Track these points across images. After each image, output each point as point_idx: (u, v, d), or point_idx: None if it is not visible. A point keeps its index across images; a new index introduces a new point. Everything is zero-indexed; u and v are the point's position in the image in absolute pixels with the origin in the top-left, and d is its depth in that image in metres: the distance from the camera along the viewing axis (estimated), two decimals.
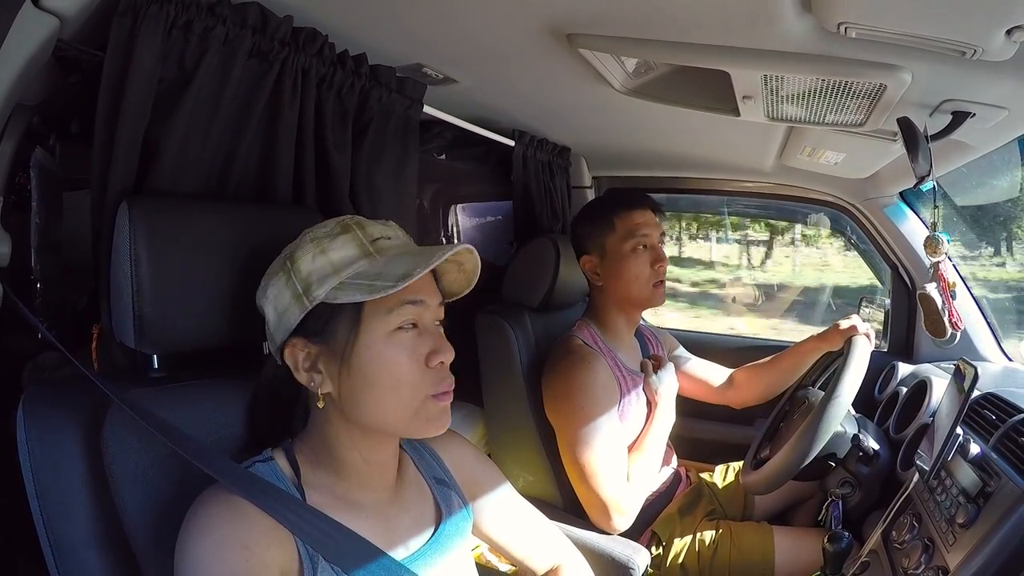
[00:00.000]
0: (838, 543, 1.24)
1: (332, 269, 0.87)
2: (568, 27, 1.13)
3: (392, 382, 0.87)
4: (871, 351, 1.54)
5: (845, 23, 0.90)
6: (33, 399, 0.88)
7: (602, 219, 1.76)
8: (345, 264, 0.88)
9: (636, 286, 1.71)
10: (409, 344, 0.88)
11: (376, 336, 0.87)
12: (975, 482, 1.18)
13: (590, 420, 1.59)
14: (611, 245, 1.74)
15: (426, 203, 3.36)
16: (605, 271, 1.76)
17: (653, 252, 1.72)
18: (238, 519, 0.80)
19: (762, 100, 1.29)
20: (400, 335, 0.88)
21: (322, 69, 1.21)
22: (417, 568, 0.92)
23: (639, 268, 1.70)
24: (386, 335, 0.87)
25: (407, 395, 0.88)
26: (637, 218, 1.72)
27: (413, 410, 0.89)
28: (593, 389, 1.63)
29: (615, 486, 1.59)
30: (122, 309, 0.92)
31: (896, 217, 2.15)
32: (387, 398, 0.88)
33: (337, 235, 0.90)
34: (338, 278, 0.87)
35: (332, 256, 0.88)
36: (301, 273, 0.88)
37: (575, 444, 1.60)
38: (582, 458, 1.59)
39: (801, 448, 1.37)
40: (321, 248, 0.89)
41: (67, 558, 0.85)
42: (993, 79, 1.07)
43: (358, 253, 0.89)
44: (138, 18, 0.94)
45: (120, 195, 0.96)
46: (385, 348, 0.87)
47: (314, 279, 0.87)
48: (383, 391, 0.87)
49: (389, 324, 0.87)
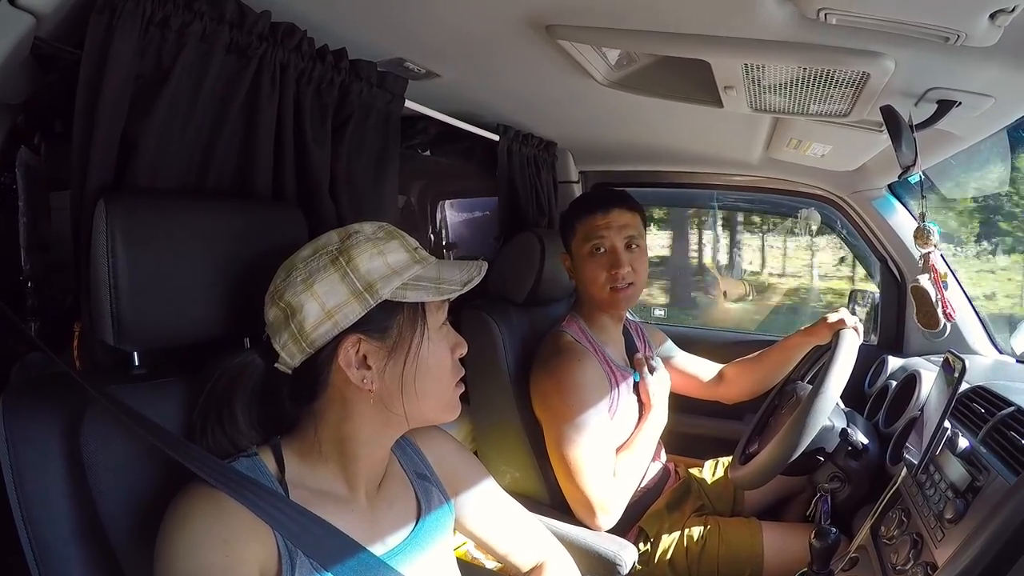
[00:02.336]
0: (825, 539, 1.23)
1: (391, 270, 0.90)
2: (547, 18, 1.13)
3: (440, 372, 0.96)
4: (859, 344, 1.53)
5: (825, 9, 0.89)
6: (13, 396, 0.87)
7: (567, 222, 1.78)
8: (402, 267, 0.91)
9: (593, 289, 1.72)
10: (447, 338, 0.98)
11: (432, 331, 0.94)
12: (964, 477, 1.17)
13: (578, 417, 1.59)
14: (574, 248, 1.75)
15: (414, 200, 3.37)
16: (574, 273, 1.78)
17: (610, 256, 1.69)
18: (218, 514, 0.80)
19: (744, 90, 1.29)
20: (444, 330, 0.97)
21: (301, 64, 1.20)
22: (397, 564, 0.92)
23: (594, 272, 1.70)
24: (437, 330, 0.95)
25: (447, 382, 0.98)
26: (597, 220, 1.70)
27: (447, 397, 0.98)
28: (583, 387, 1.62)
29: (601, 484, 1.58)
30: (100, 307, 0.91)
31: (885, 210, 2.15)
32: (435, 387, 0.96)
33: (387, 239, 0.93)
34: (400, 279, 0.90)
35: (389, 258, 0.91)
36: (360, 271, 0.88)
37: (562, 441, 1.60)
38: (569, 455, 1.58)
39: (789, 443, 1.37)
40: (379, 249, 0.91)
41: (48, 555, 0.85)
42: (978, 66, 1.06)
43: (409, 258, 0.93)
44: (115, 15, 0.93)
45: (99, 192, 0.95)
46: (439, 342, 0.96)
47: (376, 277, 0.88)
48: (434, 381, 0.95)
49: (438, 321, 0.96)
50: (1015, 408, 1.29)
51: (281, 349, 0.90)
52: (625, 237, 1.70)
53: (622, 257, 1.68)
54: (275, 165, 1.20)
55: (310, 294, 0.87)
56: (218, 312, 1.01)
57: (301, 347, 0.88)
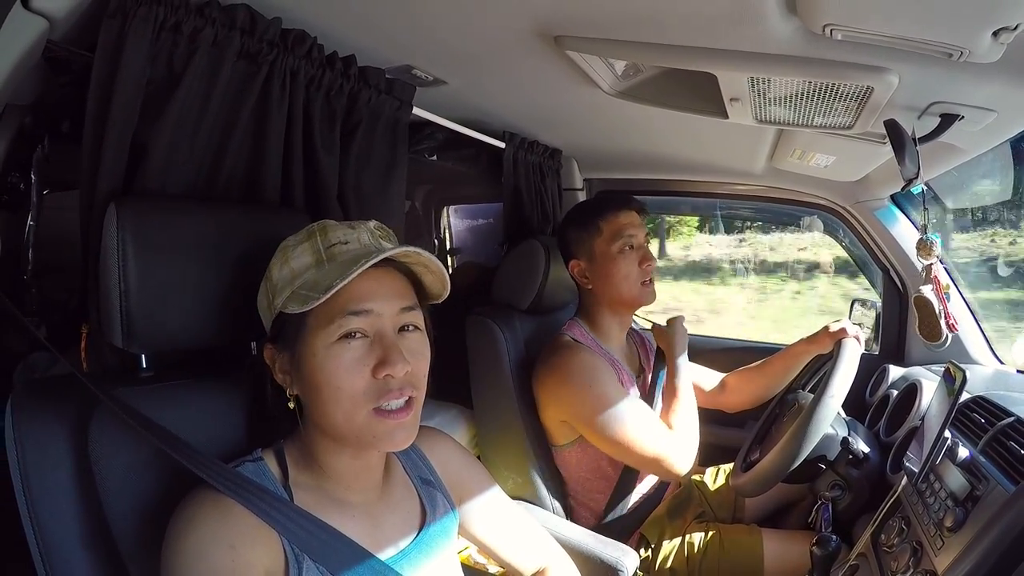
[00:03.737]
0: (825, 547, 1.24)
1: (291, 278, 0.89)
2: (556, 29, 1.14)
3: (332, 393, 0.86)
4: (860, 354, 1.54)
5: (830, 25, 0.90)
6: (22, 397, 0.88)
7: (588, 223, 1.78)
8: (299, 273, 0.90)
9: (626, 286, 1.73)
10: (352, 355, 0.86)
11: (318, 346, 0.86)
12: (963, 486, 1.18)
13: (602, 397, 1.61)
14: (599, 248, 1.75)
15: (418, 204, 3.36)
16: (594, 274, 1.77)
17: (640, 251, 1.74)
18: (224, 518, 0.81)
19: (750, 102, 1.30)
20: (342, 346, 0.86)
21: (311, 70, 1.21)
22: (402, 568, 0.92)
23: (628, 268, 1.72)
24: (327, 346, 0.86)
25: (348, 407, 0.86)
26: (623, 219, 1.74)
27: (358, 424, 0.87)
28: (594, 370, 1.64)
29: (659, 441, 1.60)
30: (110, 309, 0.92)
31: (887, 220, 2.15)
32: (331, 409, 0.86)
33: (300, 243, 0.92)
34: (291, 288, 0.88)
35: (293, 265, 0.90)
36: (272, 281, 0.91)
37: (600, 428, 1.61)
38: (615, 436, 1.59)
39: (790, 450, 1.37)
40: (285, 257, 0.91)
41: (55, 556, 0.85)
42: (981, 81, 1.07)
43: (312, 261, 0.90)
44: (127, 20, 0.94)
45: (108, 196, 0.96)
46: (326, 358, 0.86)
47: (278, 288, 0.90)
48: (326, 402, 0.86)
49: (330, 335, 0.86)
50: (1015, 418, 1.30)
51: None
52: (644, 234, 1.76)
53: (649, 251, 1.74)
54: (284, 171, 1.21)
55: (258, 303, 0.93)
56: (226, 317, 1.02)
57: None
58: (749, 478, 1.47)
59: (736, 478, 1.57)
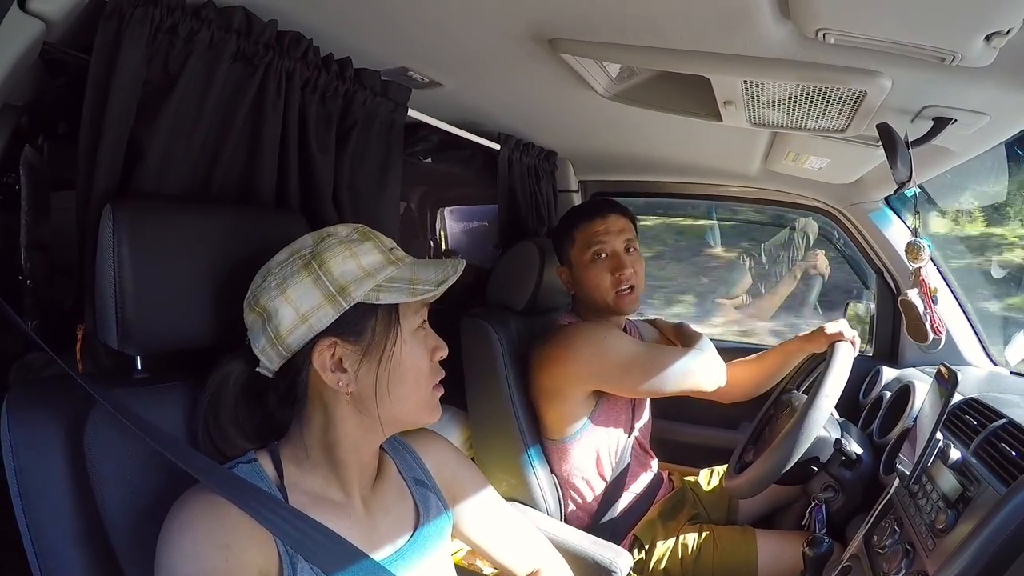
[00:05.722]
0: (818, 548, 1.25)
1: (363, 272, 0.90)
2: (550, 32, 1.14)
3: (416, 375, 0.95)
4: (854, 356, 1.55)
5: (823, 29, 0.91)
6: (17, 398, 0.87)
7: (565, 233, 1.79)
8: (375, 268, 0.91)
9: (598, 295, 1.73)
10: (424, 340, 0.97)
11: (407, 334, 0.94)
12: (955, 487, 1.19)
13: (618, 346, 1.66)
14: (574, 257, 1.77)
15: (413, 206, 3.37)
16: (575, 282, 1.79)
17: (612, 260, 1.72)
18: (218, 519, 0.81)
19: (743, 105, 1.30)
20: (421, 332, 0.96)
21: (306, 72, 1.21)
22: (396, 569, 0.93)
23: (598, 277, 1.72)
24: (412, 332, 0.95)
25: (424, 386, 0.96)
26: (596, 227, 1.73)
27: (425, 400, 0.97)
28: (603, 329, 1.69)
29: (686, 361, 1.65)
30: (105, 310, 0.92)
31: (881, 222, 2.16)
32: (411, 390, 0.95)
33: (362, 241, 0.93)
34: (373, 280, 0.90)
35: (363, 260, 0.91)
36: (333, 274, 0.89)
37: (626, 368, 1.65)
38: (645, 369, 1.64)
39: (784, 452, 1.38)
40: (352, 252, 0.91)
41: (50, 557, 0.85)
42: (974, 85, 1.08)
43: (383, 260, 0.93)
44: (124, 21, 0.94)
45: (105, 196, 0.96)
46: (414, 345, 0.95)
47: (349, 280, 0.89)
48: (409, 384, 0.94)
49: (414, 323, 0.95)
50: (1006, 420, 1.31)
51: (260, 353, 0.91)
52: (624, 241, 1.73)
53: (624, 259, 1.71)
54: (279, 172, 1.22)
55: (284, 298, 0.88)
56: (221, 318, 1.02)
57: (279, 351, 0.90)
58: (743, 479, 1.47)
59: (730, 479, 1.58)
